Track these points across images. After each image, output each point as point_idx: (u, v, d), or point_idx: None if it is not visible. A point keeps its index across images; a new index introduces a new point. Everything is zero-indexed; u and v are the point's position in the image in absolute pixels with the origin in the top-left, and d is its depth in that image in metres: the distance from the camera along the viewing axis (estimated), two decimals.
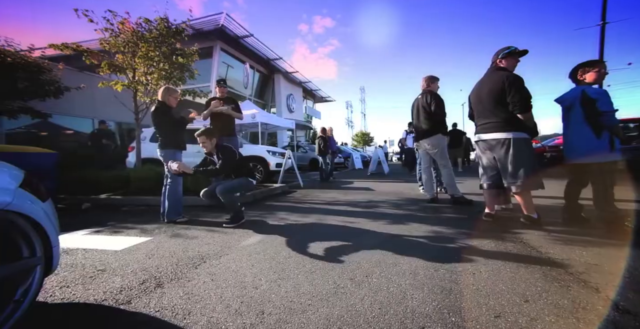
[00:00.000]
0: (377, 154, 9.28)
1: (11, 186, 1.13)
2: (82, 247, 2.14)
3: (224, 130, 3.87)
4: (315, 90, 23.92)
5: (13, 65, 5.51)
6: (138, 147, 5.30)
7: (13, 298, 1.12)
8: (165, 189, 2.92)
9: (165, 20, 4.83)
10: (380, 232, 2.38)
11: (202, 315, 1.19)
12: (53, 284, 1.52)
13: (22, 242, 1.16)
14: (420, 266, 1.64)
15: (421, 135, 3.60)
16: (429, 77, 3.57)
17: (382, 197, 4.32)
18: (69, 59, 7.08)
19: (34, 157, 3.45)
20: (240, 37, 13.63)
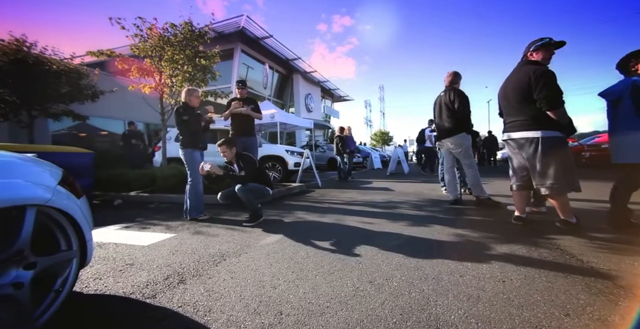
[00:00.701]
0: (397, 154, 9.07)
1: (51, 184, 1.21)
2: (113, 241, 2.26)
3: (244, 130, 3.95)
4: (334, 89, 23.85)
5: (58, 72, 6.01)
6: (164, 147, 5.55)
7: (53, 287, 1.20)
8: (187, 187, 3.03)
9: (190, 24, 5.01)
10: (401, 234, 2.30)
11: (222, 313, 1.21)
12: (88, 276, 1.61)
13: (60, 236, 1.24)
14: (443, 271, 1.56)
15: (444, 134, 3.46)
16: (453, 73, 3.41)
17: (401, 197, 4.21)
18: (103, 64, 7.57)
19: (73, 156, 3.71)
20: (260, 38, 13.88)
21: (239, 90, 3.97)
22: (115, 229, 2.70)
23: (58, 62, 6.14)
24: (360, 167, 12.62)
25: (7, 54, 5.48)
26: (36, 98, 5.97)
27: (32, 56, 5.77)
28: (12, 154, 1.17)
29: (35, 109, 6.20)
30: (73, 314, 1.23)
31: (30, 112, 6.22)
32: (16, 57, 5.53)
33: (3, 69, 5.42)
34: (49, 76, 5.93)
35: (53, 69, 5.97)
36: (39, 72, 5.78)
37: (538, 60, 2.27)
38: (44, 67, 5.86)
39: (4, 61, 5.43)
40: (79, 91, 6.48)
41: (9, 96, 5.73)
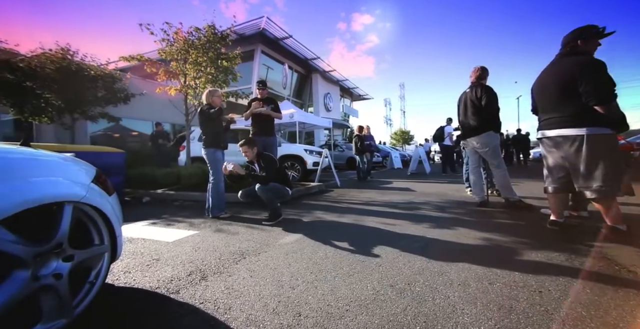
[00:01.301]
0: (418, 153, 8.81)
1: (86, 182, 1.28)
2: (141, 237, 2.38)
3: (264, 130, 4.01)
4: (353, 88, 23.64)
5: (95, 77, 6.48)
6: (188, 146, 5.77)
7: (87, 279, 1.27)
8: (210, 186, 3.12)
9: (212, 27, 5.17)
10: (423, 237, 2.22)
11: (241, 311, 1.22)
12: (119, 269, 1.70)
13: (94, 231, 1.31)
14: (470, 277, 1.47)
15: (469, 132, 3.29)
16: (480, 68, 3.23)
17: (423, 198, 4.07)
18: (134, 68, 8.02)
19: (106, 156, 3.97)
20: (279, 38, 14.05)
21: (259, 90, 4.03)
22: (144, 225, 2.84)
23: (95, 68, 6.62)
24: (379, 166, 12.40)
25: (54, 62, 5.99)
26: (77, 102, 6.47)
27: (74, 63, 6.25)
28: (54, 154, 1.26)
29: (76, 112, 6.73)
30: (105, 305, 1.30)
31: (72, 115, 6.75)
32: (61, 64, 6.03)
33: (50, 76, 5.93)
34: (88, 81, 6.41)
35: (91, 74, 6.45)
36: (79, 78, 6.26)
37: (585, 50, 2.07)
38: (84, 73, 6.34)
39: (51, 69, 5.94)
40: (113, 94, 6.94)
41: (55, 100, 6.26)
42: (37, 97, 6.15)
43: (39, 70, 5.92)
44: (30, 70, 5.86)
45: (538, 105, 2.37)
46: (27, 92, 5.98)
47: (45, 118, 6.51)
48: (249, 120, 4.08)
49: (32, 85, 5.95)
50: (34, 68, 5.89)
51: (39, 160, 1.16)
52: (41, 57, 6.05)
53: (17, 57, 5.98)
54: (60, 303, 1.07)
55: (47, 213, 1.08)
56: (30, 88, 5.97)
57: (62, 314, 1.08)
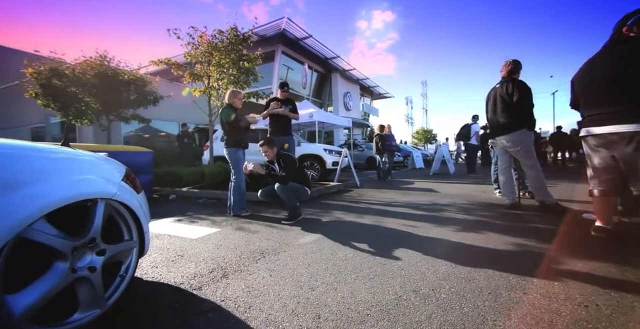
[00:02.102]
0: (441, 152, 8.47)
1: (117, 180, 1.35)
2: (168, 233, 2.48)
3: (282, 130, 4.06)
4: (373, 87, 23.27)
5: (128, 81, 6.92)
6: (211, 146, 5.97)
7: (118, 273, 1.34)
8: (231, 184, 3.19)
9: (235, 29, 5.30)
10: (448, 240, 2.11)
11: (261, 311, 1.22)
12: (147, 264, 1.78)
13: (123, 227, 1.38)
14: (502, 285, 1.37)
15: (498, 130, 3.09)
16: (512, 61, 3.01)
17: (448, 200, 3.90)
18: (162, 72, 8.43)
19: (136, 155, 4.20)
20: (299, 39, 14.14)
21: (281, 91, 4.07)
22: (170, 221, 2.96)
23: (128, 73, 7.06)
24: (400, 166, 12.11)
25: (93, 69, 6.47)
26: (113, 105, 6.94)
27: (110, 69, 6.71)
28: (89, 153, 1.34)
29: (112, 114, 7.22)
30: (135, 298, 1.36)
31: (108, 117, 7.25)
32: (99, 70, 6.50)
33: (90, 82, 6.43)
34: (122, 85, 6.86)
35: (125, 78, 6.88)
36: (115, 83, 6.71)
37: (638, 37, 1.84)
38: (119, 77, 6.78)
39: (91, 75, 6.43)
40: (143, 96, 7.37)
41: (94, 103, 6.78)
42: (79, 101, 6.70)
43: (81, 77, 6.44)
44: (74, 77, 6.40)
45: (581, 99, 2.16)
46: (71, 96, 6.54)
47: (86, 120, 7.07)
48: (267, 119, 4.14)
49: (75, 90, 6.48)
50: (77, 75, 6.41)
51: (77, 159, 1.24)
52: (83, 65, 6.56)
53: (64, 65, 6.52)
54: (94, 294, 1.13)
55: (82, 209, 1.15)
56: (74, 93, 6.52)
57: (96, 305, 1.14)
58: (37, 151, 1.09)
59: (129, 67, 7.25)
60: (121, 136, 9.57)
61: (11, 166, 0.96)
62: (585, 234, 2.11)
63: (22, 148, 1.05)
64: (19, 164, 0.98)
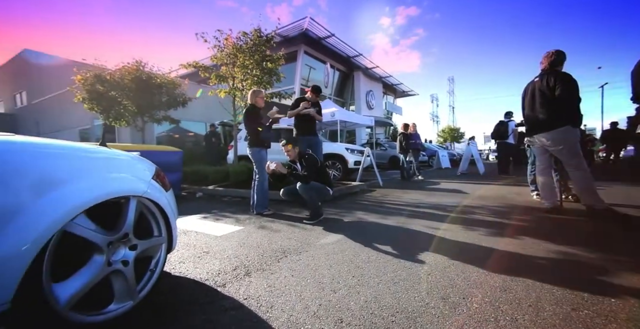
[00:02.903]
0: (470, 151, 8.04)
1: (147, 178, 1.41)
2: (194, 230, 2.58)
3: (309, 129, 4.09)
4: (396, 84, 22.70)
5: (160, 84, 7.36)
6: (235, 145, 6.15)
7: (149, 267, 1.40)
8: (254, 183, 3.25)
9: (258, 30, 5.41)
10: (478, 245, 1.98)
11: (282, 311, 1.21)
12: (175, 259, 1.85)
13: (153, 223, 1.44)
14: (545, 298, 1.25)
15: (537, 127, 2.84)
16: (555, 52, 2.74)
17: (478, 202, 3.68)
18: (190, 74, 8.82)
19: (166, 154, 4.43)
20: (322, 38, 14.14)
21: (312, 94, 4.09)
22: (196, 218, 3.08)
23: (161, 77, 7.51)
24: (425, 166, 11.69)
25: (130, 74, 6.97)
26: (147, 107, 7.42)
27: (145, 73, 7.17)
28: (124, 153, 1.41)
29: (146, 116, 7.71)
30: (164, 292, 1.42)
31: (143, 118, 7.75)
32: (135, 75, 6.98)
33: (127, 86, 6.93)
34: (154, 88, 7.31)
35: (157, 82, 7.32)
36: (149, 86, 7.17)
37: None
38: (152, 81, 7.23)
39: (128, 79, 6.93)
40: (174, 99, 7.78)
41: (131, 106, 7.29)
42: (118, 104, 7.26)
43: (120, 81, 6.96)
44: (114, 82, 6.93)
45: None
46: (112, 100, 7.10)
47: (123, 122, 7.62)
48: (291, 119, 4.18)
49: (115, 94, 7.02)
50: (117, 80, 6.95)
51: (113, 159, 1.31)
52: (122, 70, 7.08)
53: (106, 72, 7.08)
54: (127, 287, 1.19)
55: (116, 206, 1.21)
56: (114, 97, 7.07)
57: (129, 297, 1.20)
58: (79, 151, 1.17)
59: (160, 71, 7.70)
60: (154, 136, 10.19)
61: (58, 165, 1.03)
62: None
63: (66, 148, 1.13)
64: (64, 163, 1.06)
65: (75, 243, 1.04)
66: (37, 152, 1.00)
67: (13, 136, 1.03)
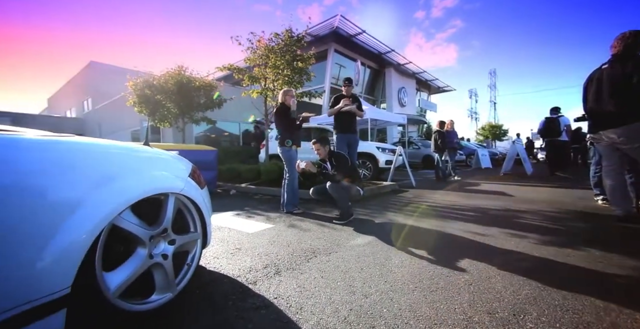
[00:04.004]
0: (515, 150, 7.34)
1: (184, 176, 1.47)
2: (228, 226, 2.67)
3: (348, 127, 4.05)
4: (431, 80, 21.61)
5: (198, 87, 7.84)
6: (267, 144, 6.30)
7: (186, 261, 1.47)
8: (284, 182, 3.28)
9: (290, 30, 5.47)
10: (529, 255, 1.77)
11: (312, 314, 1.18)
12: (210, 255, 1.91)
13: (190, 220, 1.51)
14: (624, 325, 1.05)
15: (605, 122, 2.46)
16: (632, 34, 2.29)
17: (526, 205, 3.32)
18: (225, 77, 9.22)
19: (203, 153, 4.68)
20: (352, 35, 13.95)
21: (345, 87, 4.04)
22: (230, 215, 3.20)
23: (199, 80, 7.99)
24: (462, 166, 10.96)
25: (173, 78, 7.53)
26: (187, 108, 7.96)
27: (185, 77, 7.69)
28: (164, 152, 1.49)
29: (186, 117, 8.26)
30: (200, 286, 1.47)
31: (183, 120, 8.32)
32: (177, 79, 7.52)
33: (170, 89, 7.49)
34: (193, 91, 7.80)
35: (196, 85, 7.81)
36: (188, 89, 7.67)
37: None
38: (191, 84, 7.72)
39: (171, 83, 7.49)
40: (210, 100, 8.22)
41: (173, 108, 7.87)
42: (162, 107, 7.87)
43: (164, 85, 7.54)
44: (160, 86, 7.53)
45: None
46: (157, 103, 7.74)
47: (167, 123, 8.25)
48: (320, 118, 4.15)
49: (160, 98, 7.64)
50: (162, 84, 7.55)
51: (155, 157, 1.39)
52: (166, 75, 7.67)
53: (153, 77, 7.73)
54: (167, 279, 1.25)
55: (156, 202, 1.28)
56: (159, 100, 7.69)
57: (169, 289, 1.26)
58: (128, 150, 1.26)
59: (199, 74, 8.19)
60: (193, 136, 10.90)
61: (110, 163, 1.12)
62: None
63: (117, 148, 1.21)
64: (115, 161, 1.15)
65: (121, 236, 1.11)
66: (93, 151, 1.09)
67: (72, 137, 1.13)
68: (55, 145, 0.99)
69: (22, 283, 0.78)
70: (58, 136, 1.07)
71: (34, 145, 0.93)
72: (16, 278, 0.77)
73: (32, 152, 0.90)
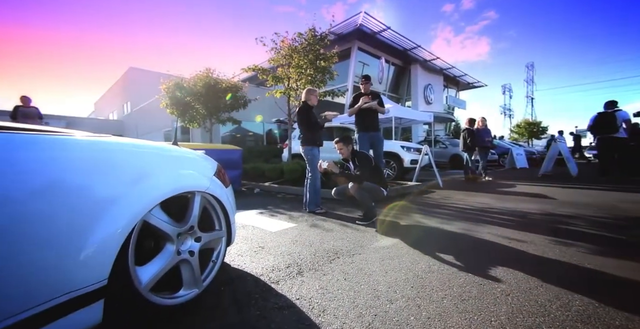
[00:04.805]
0: (557, 149, 6.73)
1: (210, 175, 1.50)
2: (251, 224, 2.72)
3: (371, 125, 3.97)
4: (460, 76, 20.58)
5: (225, 88, 8.12)
6: (290, 144, 6.36)
7: (211, 258, 1.50)
8: (307, 182, 3.27)
9: (313, 30, 5.47)
10: (580, 266, 1.59)
11: (335, 317, 1.15)
12: (234, 252, 1.95)
13: (214, 218, 1.54)
14: None
15: None
16: None
17: (572, 210, 3.02)
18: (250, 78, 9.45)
19: (227, 152, 4.82)
20: (376, 32, 13.67)
21: (363, 84, 3.97)
22: (254, 213, 3.25)
23: (226, 81, 8.27)
24: (494, 166, 10.30)
25: (201, 80, 7.87)
26: (214, 109, 8.28)
27: (212, 79, 8.00)
28: (192, 151, 1.53)
29: (213, 117, 8.60)
30: (223, 283, 1.50)
31: (211, 120, 8.67)
32: (205, 81, 7.85)
33: (199, 91, 7.85)
34: (220, 92, 8.09)
35: (222, 86, 8.09)
36: (216, 90, 7.98)
37: None
38: (218, 86, 8.02)
39: (200, 86, 7.83)
40: (236, 101, 8.48)
41: (201, 109, 8.23)
42: (192, 108, 8.26)
43: (193, 87, 7.91)
44: (189, 88, 7.92)
45: None
46: (187, 105, 8.14)
47: (195, 123, 8.64)
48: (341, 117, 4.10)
49: (189, 99, 8.02)
50: (191, 86, 7.92)
51: (183, 157, 1.43)
52: (195, 78, 8.04)
53: (183, 80, 8.15)
54: (193, 275, 1.28)
55: (182, 200, 1.31)
56: (189, 102, 8.08)
57: (195, 285, 1.29)
58: (159, 150, 1.30)
59: (225, 76, 8.48)
60: (220, 136, 11.33)
61: (143, 161, 1.17)
62: None
63: (149, 147, 1.26)
64: (148, 160, 1.20)
65: (151, 232, 1.15)
66: (128, 150, 1.15)
67: (110, 137, 1.20)
68: (97, 145, 1.05)
69: (68, 273, 0.83)
70: (99, 136, 1.13)
71: (80, 145, 1.00)
72: (63, 267, 0.82)
73: (78, 151, 0.97)
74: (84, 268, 0.86)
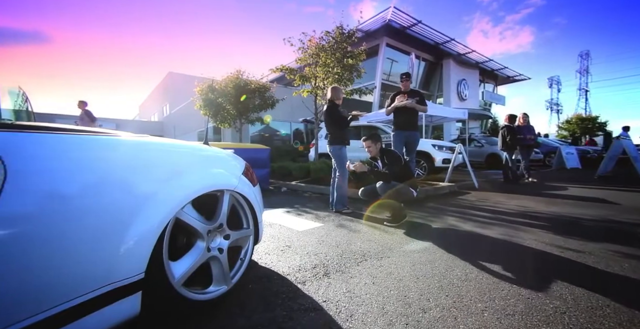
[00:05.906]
0: (619, 148, 5.93)
1: (238, 174, 1.53)
2: (279, 223, 2.74)
3: (408, 124, 3.88)
4: (498, 69, 19.15)
5: (254, 89, 8.37)
6: (316, 143, 6.36)
7: (239, 256, 1.52)
8: (334, 181, 3.23)
9: (340, 27, 5.41)
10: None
11: (363, 324, 1.09)
12: (262, 250, 1.96)
13: (242, 216, 1.56)
14: None
15: None
16: None
17: (638, 216, 2.63)
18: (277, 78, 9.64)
19: (257, 151, 4.95)
20: (406, 27, 13.20)
21: (403, 82, 3.90)
22: (281, 212, 3.29)
23: (255, 82, 8.52)
24: (539, 166, 9.42)
25: (232, 81, 8.20)
26: (244, 110, 8.57)
27: (242, 81, 8.29)
28: (221, 150, 1.57)
29: (243, 118, 8.91)
30: (251, 280, 1.51)
31: (240, 120, 8.99)
32: (236, 83, 8.16)
33: (230, 93, 8.18)
34: (250, 93, 8.35)
35: (252, 87, 8.34)
36: (245, 91, 8.25)
37: None
38: (248, 87, 8.29)
39: (231, 87, 8.16)
40: (264, 101, 8.70)
41: (232, 110, 8.57)
42: (223, 109, 8.63)
43: (225, 89, 8.26)
44: (221, 90, 8.28)
45: None
46: (219, 106, 8.53)
47: (226, 124, 9.02)
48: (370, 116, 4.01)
49: (221, 100, 8.39)
50: (223, 88, 8.28)
51: (214, 156, 1.47)
52: (226, 80, 8.39)
53: (215, 82, 8.55)
54: (223, 272, 1.31)
55: (212, 198, 1.34)
56: (220, 103, 8.45)
57: (224, 282, 1.32)
58: (190, 148, 1.35)
59: (254, 77, 8.73)
60: (249, 135, 11.72)
61: (177, 160, 1.22)
62: None
63: (183, 147, 1.31)
64: (180, 158, 1.24)
65: (183, 229, 1.19)
66: (164, 150, 1.20)
67: (147, 137, 1.26)
68: (138, 145, 1.11)
69: (112, 264, 0.88)
70: (139, 136, 1.20)
71: (125, 145, 1.07)
72: (108, 259, 0.88)
73: (123, 151, 1.03)
74: (125, 260, 0.91)
